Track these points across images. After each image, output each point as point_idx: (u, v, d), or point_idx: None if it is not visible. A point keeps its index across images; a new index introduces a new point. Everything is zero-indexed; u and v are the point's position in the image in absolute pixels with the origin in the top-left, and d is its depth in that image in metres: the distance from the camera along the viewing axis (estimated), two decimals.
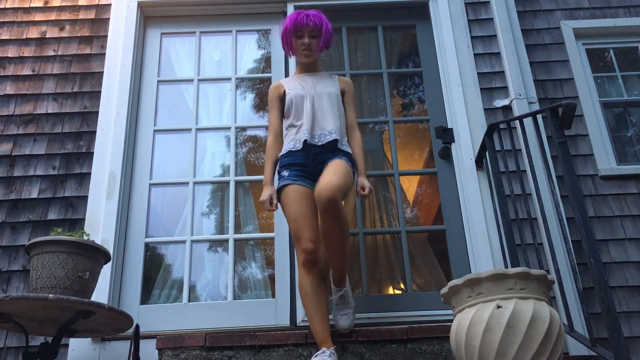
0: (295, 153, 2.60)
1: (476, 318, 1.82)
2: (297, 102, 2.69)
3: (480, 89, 3.39)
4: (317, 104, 2.68)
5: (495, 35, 3.54)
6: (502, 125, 3.07)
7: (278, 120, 2.77)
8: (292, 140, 2.64)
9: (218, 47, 3.79)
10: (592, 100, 3.52)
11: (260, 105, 3.73)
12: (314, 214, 2.47)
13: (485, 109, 3.33)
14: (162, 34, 3.74)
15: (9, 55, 3.54)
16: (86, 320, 2.33)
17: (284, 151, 2.64)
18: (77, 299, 2.23)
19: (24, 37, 3.60)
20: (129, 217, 3.18)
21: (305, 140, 2.58)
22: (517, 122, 2.92)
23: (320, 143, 2.59)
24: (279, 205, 2.58)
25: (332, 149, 2.59)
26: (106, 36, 3.57)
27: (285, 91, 2.76)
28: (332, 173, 2.40)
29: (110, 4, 3.67)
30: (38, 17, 3.67)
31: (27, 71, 3.49)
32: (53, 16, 3.67)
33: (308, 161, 2.59)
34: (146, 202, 3.23)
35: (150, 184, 3.29)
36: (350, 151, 2.65)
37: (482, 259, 2.95)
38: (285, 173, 2.58)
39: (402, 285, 3.33)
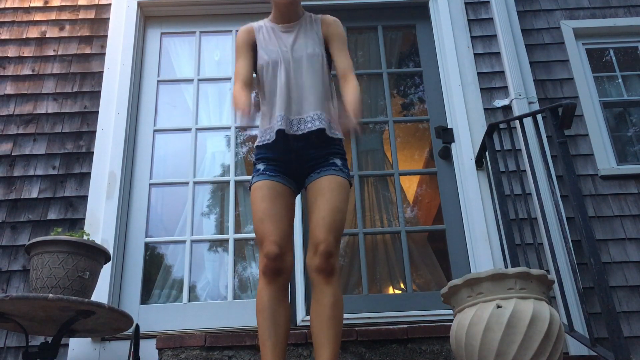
0: (272, 147, 2.10)
1: (476, 318, 1.82)
2: (270, 72, 2.15)
3: (480, 88, 3.39)
4: (294, 75, 2.13)
5: (495, 35, 3.54)
6: (502, 125, 3.06)
7: (248, 68, 2.22)
8: (265, 131, 2.13)
9: (218, 47, 3.79)
10: (592, 100, 3.52)
11: None
12: (287, 218, 2.06)
13: (485, 109, 3.33)
14: (162, 33, 3.73)
15: (9, 55, 3.54)
16: (86, 320, 2.33)
17: (258, 142, 2.16)
18: (77, 299, 2.22)
19: (24, 37, 3.60)
20: (129, 217, 3.18)
21: (281, 131, 2.05)
22: (517, 122, 2.92)
23: (300, 132, 2.07)
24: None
25: (319, 141, 2.08)
26: (106, 36, 3.56)
27: (256, 43, 2.24)
28: (328, 210, 1.98)
29: (110, 4, 3.67)
30: (38, 17, 3.66)
31: (27, 71, 3.49)
32: (53, 16, 3.66)
33: (289, 157, 2.10)
34: (146, 202, 3.23)
35: (150, 184, 3.29)
36: (342, 137, 2.15)
37: (482, 258, 2.95)
38: (260, 166, 2.11)
39: (402, 285, 3.33)
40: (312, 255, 1.97)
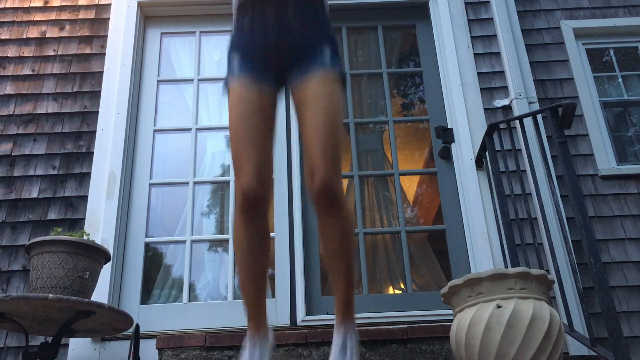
0: (249, 26, 1.80)
1: (476, 318, 1.82)
2: None
3: (480, 88, 3.39)
4: None
5: (495, 35, 3.54)
6: (502, 125, 3.06)
7: None
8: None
9: (218, 47, 3.78)
10: (592, 100, 3.52)
11: None
12: (268, 137, 1.77)
13: (485, 109, 3.33)
14: (162, 33, 3.73)
15: (9, 55, 3.54)
16: (86, 320, 2.33)
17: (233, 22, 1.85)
18: (77, 299, 2.23)
19: (24, 36, 3.60)
20: (129, 217, 3.18)
21: None
22: (517, 122, 2.92)
23: None
24: None
25: (305, 20, 1.77)
26: (106, 36, 3.56)
27: None
28: (321, 126, 1.69)
29: (110, 4, 3.67)
30: (38, 16, 3.66)
31: (27, 71, 3.49)
32: (53, 16, 3.66)
33: (268, 41, 1.77)
34: (146, 202, 3.23)
35: (150, 184, 3.29)
36: (328, 14, 1.83)
37: (482, 258, 2.95)
38: (234, 61, 1.83)
39: (402, 285, 3.33)
40: (309, 181, 1.70)
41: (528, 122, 3.02)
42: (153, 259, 3.25)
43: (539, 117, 2.69)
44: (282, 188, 3.20)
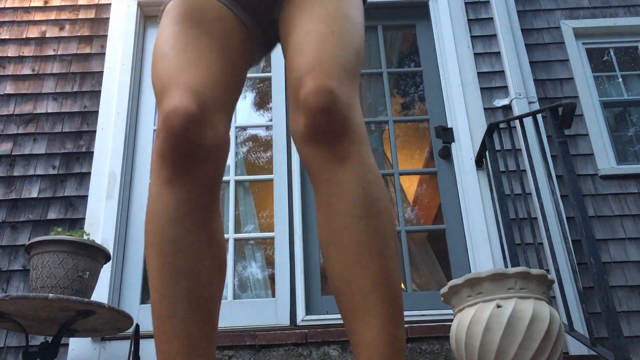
0: None
1: (476, 317, 1.82)
2: None
3: (480, 88, 3.39)
4: None
5: (495, 35, 3.54)
6: (502, 125, 3.06)
7: None
8: None
9: None
10: (592, 100, 3.52)
11: (261, 104, 3.73)
12: (209, 59, 1.04)
13: (485, 109, 3.33)
14: None
15: (8, 55, 3.53)
16: (86, 319, 2.33)
17: None
18: (77, 299, 2.22)
19: (24, 36, 3.59)
20: (129, 217, 3.18)
21: None
22: (517, 121, 2.92)
23: None
24: None
25: None
26: (106, 36, 3.56)
27: None
28: (324, 16, 1.02)
29: (110, 4, 3.67)
30: (38, 16, 3.66)
31: (27, 71, 3.49)
32: (53, 16, 3.66)
33: None
34: (146, 202, 3.22)
35: (150, 184, 3.28)
36: None
37: (482, 258, 2.94)
38: None
39: (402, 285, 3.34)
40: (294, 112, 0.96)
41: (528, 121, 3.02)
42: None
43: (539, 116, 2.70)
44: (282, 188, 3.19)
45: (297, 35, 1.02)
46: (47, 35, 3.60)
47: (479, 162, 3.15)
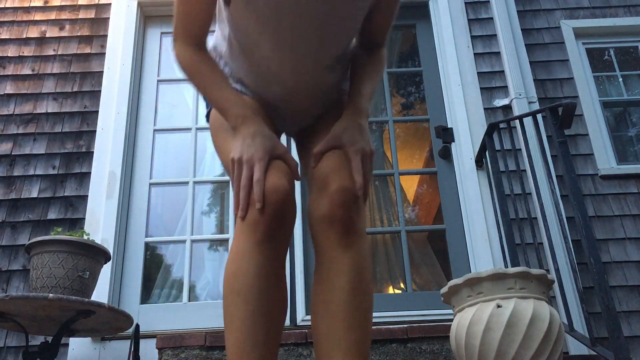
0: None
1: (476, 317, 1.82)
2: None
3: (480, 88, 3.39)
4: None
5: (495, 35, 3.54)
6: (502, 125, 3.06)
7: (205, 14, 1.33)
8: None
9: None
10: (592, 100, 3.52)
11: None
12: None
13: (485, 109, 3.33)
14: (162, 33, 3.73)
15: (8, 55, 3.53)
16: (86, 319, 2.33)
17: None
18: (77, 299, 2.22)
19: (24, 36, 3.59)
20: (129, 217, 3.18)
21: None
22: (517, 121, 2.92)
23: None
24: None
25: None
26: (106, 36, 3.56)
27: None
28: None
29: (110, 4, 3.67)
30: (38, 16, 3.66)
31: (27, 71, 3.49)
32: (53, 16, 3.66)
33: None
34: (146, 202, 3.22)
35: (150, 184, 3.29)
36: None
37: (482, 258, 2.94)
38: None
39: (402, 285, 3.33)
40: (317, 195, 1.21)
41: (528, 121, 3.02)
42: (153, 259, 3.25)
43: (539, 116, 2.69)
44: None
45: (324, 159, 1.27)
46: (47, 35, 3.60)
47: (479, 162, 3.15)
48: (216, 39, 1.47)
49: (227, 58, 1.43)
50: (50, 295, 2.18)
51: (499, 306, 1.80)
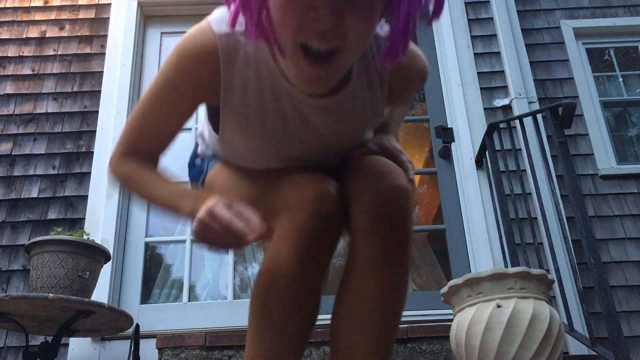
0: None
1: (476, 317, 1.82)
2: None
3: (480, 88, 3.39)
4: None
5: (495, 35, 3.54)
6: (502, 125, 3.06)
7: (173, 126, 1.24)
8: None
9: None
10: (592, 100, 3.52)
11: None
12: None
13: (485, 109, 3.33)
14: (162, 33, 3.73)
15: (8, 55, 3.53)
16: (86, 319, 2.33)
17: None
18: (77, 299, 2.23)
19: (24, 36, 3.59)
20: (129, 217, 3.17)
21: None
22: (517, 121, 2.92)
23: None
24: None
25: None
26: (106, 36, 3.56)
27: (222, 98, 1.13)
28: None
29: (110, 4, 3.66)
30: (38, 16, 3.66)
31: (27, 71, 3.49)
32: (53, 15, 3.66)
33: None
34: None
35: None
36: None
37: (482, 258, 2.95)
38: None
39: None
40: (365, 187, 1.10)
41: (528, 121, 3.02)
42: (153, 259, 3.25)
43: (539, 116, 2.69)
44: None
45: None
46: (47, 35, 3.60)
47: (479, 162, 3.15)
48: (204, 130, 1.37)
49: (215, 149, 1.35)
50: (51, 295, 2.18)
51: (499, 306, 1.80)
